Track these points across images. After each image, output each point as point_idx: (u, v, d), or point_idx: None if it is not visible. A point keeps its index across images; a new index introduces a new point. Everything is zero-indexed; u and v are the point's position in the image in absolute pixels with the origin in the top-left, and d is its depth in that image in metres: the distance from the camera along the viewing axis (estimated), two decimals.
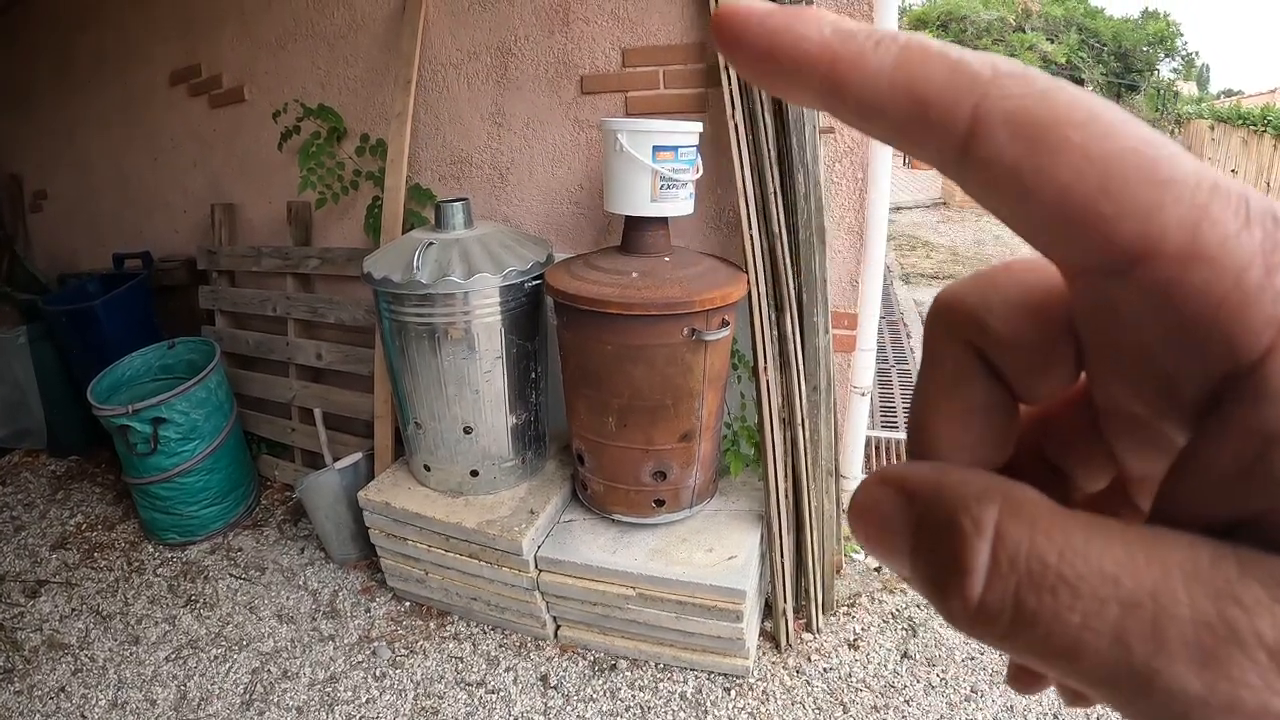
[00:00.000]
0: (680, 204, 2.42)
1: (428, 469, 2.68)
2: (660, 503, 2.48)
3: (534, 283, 2.52)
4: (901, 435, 3.95)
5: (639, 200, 2.36)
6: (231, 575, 3.25)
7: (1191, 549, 0.16)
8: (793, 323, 2.54)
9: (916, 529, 0.20)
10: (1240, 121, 5.79)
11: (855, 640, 2.82)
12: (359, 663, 2.77)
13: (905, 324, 6.14)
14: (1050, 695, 2.51)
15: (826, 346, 2.64)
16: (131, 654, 2.89)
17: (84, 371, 3.50)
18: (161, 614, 3.10)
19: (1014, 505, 0.18)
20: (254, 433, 3.62)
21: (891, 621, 2.92)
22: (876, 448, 3.94)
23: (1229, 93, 6.53)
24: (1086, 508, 0.19)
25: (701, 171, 2.48)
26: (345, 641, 2.86)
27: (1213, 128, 6.22)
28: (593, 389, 2.37)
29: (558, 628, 2.66)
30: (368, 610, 2.98)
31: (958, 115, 0.17)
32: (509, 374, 2.53)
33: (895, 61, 0.18)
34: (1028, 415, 0.24)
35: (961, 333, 0.22)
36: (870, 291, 2.93)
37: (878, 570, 3.16)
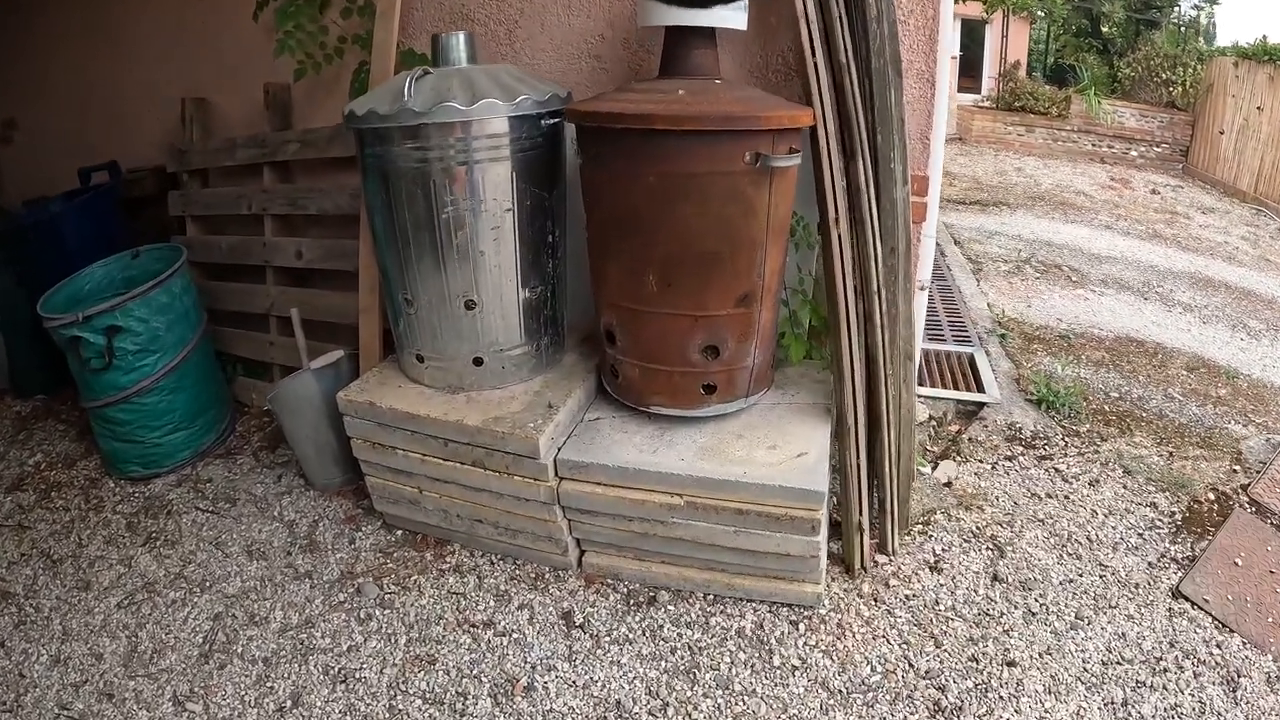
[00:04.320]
0: (732, 13, 1.75)
1: (420, 360, 1.96)
2: (710, 389, 1.77)
3: (552, 120, 1.84)
4: (946, 347, 3.27)
5: (681, 6, 1.68)
6: (198, 509, 2.54)
7: None
8: (865, 171, 1.86)
9: None
10: (1266, 57, 5.23)
11: (936, 562, 2.15)
12: (340, 603, 2.07)
13: (938, 243, 5.52)
14: (1163, 620, 1.90)
15: (905, 201, 1.96)
16: (80, 601, 2.17)
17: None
18: (117, 555, 2.38)
19: None
20: (229, 352, 2.89)
21: (974, 541, 2.25)
22: (926, 359, 3.27)
23: (1221, 51, 6.04)
24: None
25: None
26: (324, 579, 2.17)
27: (1236, 64, 5.65)
28: (629, 240, 1.65)
29: (582, 553, 1.94)
30: (352, 542, 2.28)
31: None
32: (521, 233, 1.83)
33: None
34: None
35: None
36: (937, 153, 2.25)
37: (948, 485, 2.50)
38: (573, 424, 1.87)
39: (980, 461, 2.59)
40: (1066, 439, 2.75)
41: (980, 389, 2.90)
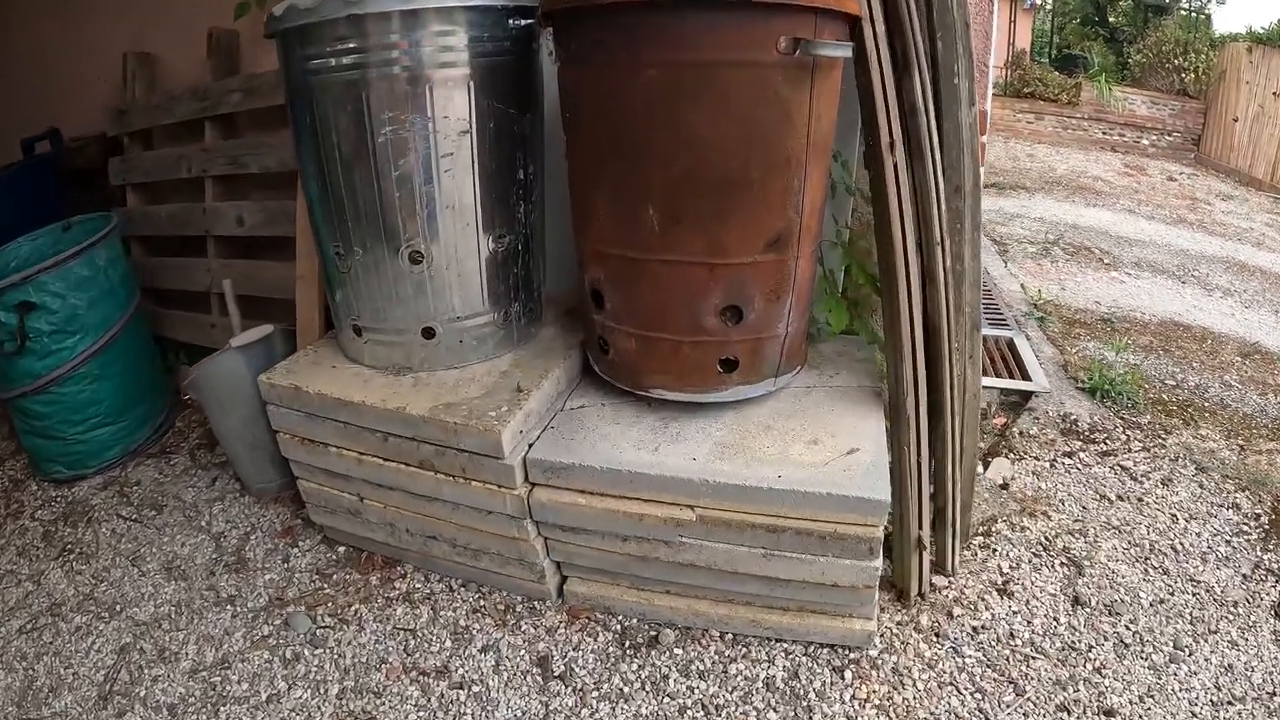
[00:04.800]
0: None
1: (359, 333, 1.44)
2: (731, 365, 1.24)
3: (523, 22, 1.35)
4: (982, 330, 2.76)
5: None
6: (121, 517, 2.02)
7: None
8: (923, 87, 1.37)
9: None
10: None
11: (1005, 583, 1.63)
12: (264, 638, 1.56)
13: None
14: (1270, 646, 1.50)
15: (972, 127, 1.46)
16: None
17: None
18: (28, 570, 1.86)
19: None
20: (171, 337, 2.38)
21: (1045, 555, 1.73)
22: None
23: (1233, 37, 5.61)
24: None
25: None
26: (249, 606, 1.65)
27: (1250, 50, 5.19)
28: (621, 162, 1.14)
29: (564, 580, 1.42)
30: (286, 560, 1.76)
31: None
32: (482, 164, 1.30)
33: None
34: None
35: None
36: (989, 84, 1.76)
37: (1005, 487, 1.99)
38: (550, 413, 1.35)
39: (1037, 459, 2.08)
40: (1128, 432, 2.24)
41: (1025, 376, 2.39)
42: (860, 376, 1.43)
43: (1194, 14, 5.37)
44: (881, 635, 1.42)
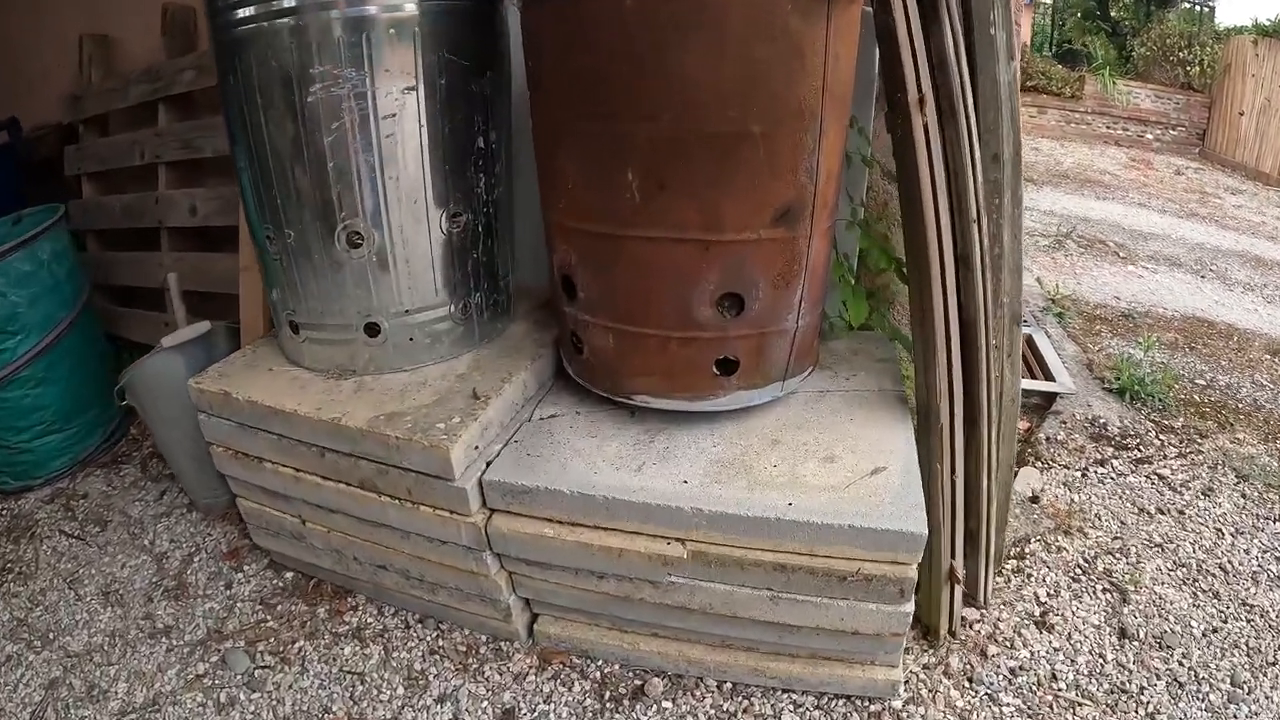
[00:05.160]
0: None
1: (296, 330, 1.17)
2: (729, 366, 0.98)
3: None
4: None
5: None
6: (63, 533, 1.76)
7: None
8: (954, 36, 1.12)
9: None
10: None
11: (1044, 614, 1.37)
12: (198, 678, 1.30)
13: None
14: None
15: (1012, 84, 1.21)
16: None
17: None
18: None
19: None
20: (125, 337, 2.11)
21: (1085, 579, 1.47)
22: None
23: (1238, 30, 5.32)
24: None
25: None
26: (186, 639, 1.39)
27: (1256, 42, 4.91)
28: (595, 115, 0.87)
29: (534, 618, 1.15)
30: (229, 586, 1.50)
31: None
32: (433, 129, 1.03)
33: None
34: None
35: None
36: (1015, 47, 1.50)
37: (1035, 500, 1.73)
38: (514, 424, 1.09)
39: (1067, 467, 1.83)
40: (1161, 436, 1.98)
41: (1049, 376, 2.13)
42: (881, 379, 1.17)
43: (1197, 6, 5.11)
44: (907, 683, 1.16)
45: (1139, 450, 1.91)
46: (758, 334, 0.95)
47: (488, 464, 0.99)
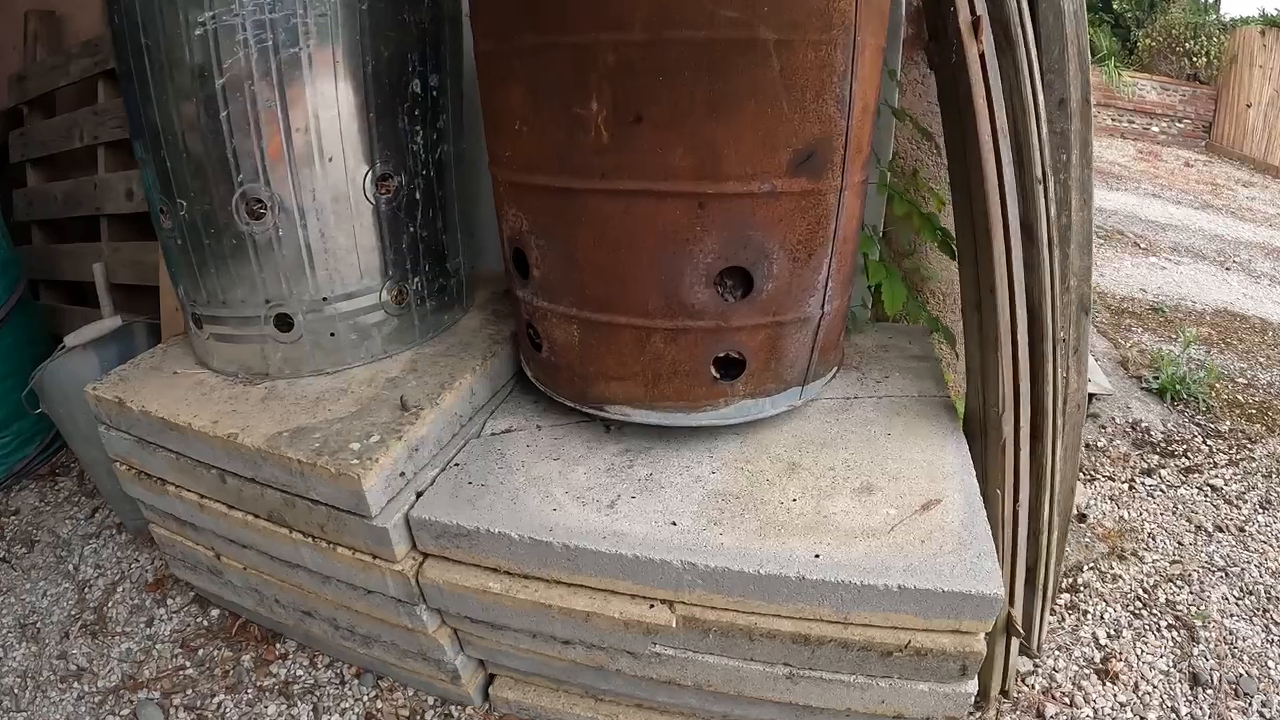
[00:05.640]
0: None
1: (199, 324, 0.91)
2: (733, 366, 0.69)
3: None
4: None
5: None
6: None
7: None
8: None
9: None
10: None
11: (1105, 661, 1.09)
12: None
13: None
14: None
15: (1077, 16, 0.92)
16: None
17: None
18: None
19: None
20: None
21: (1146, 613, 1.19)
22: None
23: (1245, 20, 5.00)
24: None
25: None
26: (98, 685, 1.12)
27: (1263, 33, 4.61)
28: (547, 26, 0.59)
29: (490, 680, 0.88)
30: (150, 623, 1.24)
31: None
32: (353, 64, 0.75)
33: None
34: None
35: None
36: None
37: (1083, 519, 1.46)
38: (456, 441, 0.81)
39: (1112, 479, 1.55)
40: (1208, 442, 1.70)
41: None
42: (920, 380, 0.90)
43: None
44: None
45: (1186, 458, 1.64)
46: (771, 323, 0.68)
47: (418, 495, 0.73)
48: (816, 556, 0.61)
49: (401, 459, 0.71)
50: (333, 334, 0.84)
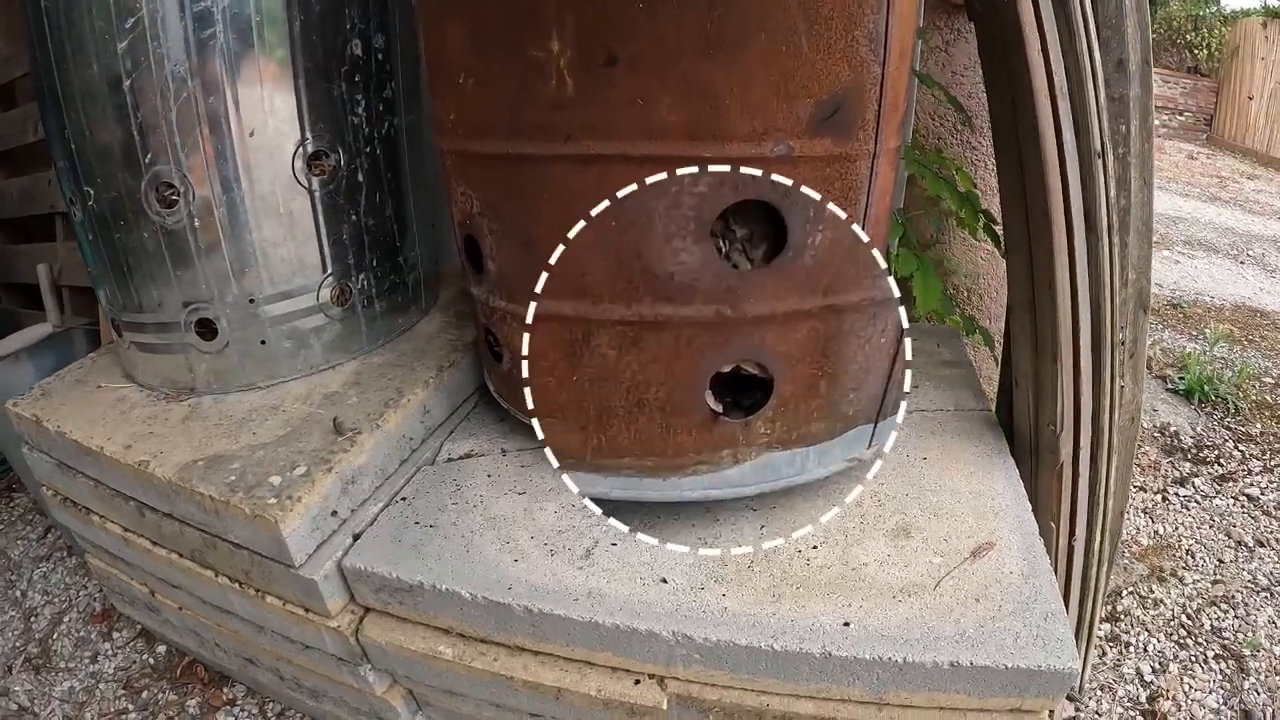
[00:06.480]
0: None
1: (118, 331, 0.76)
2: (745, 393, 0.57)
3: None
4: None
5: None
6: None
7: None
8: None
9: None
10: None
11: (1153, 699, 0.96)
12: None
13: None
14: None
15: None
16: None
17: None
18: None
19: None
20: None
21: (1191, 642, 1.04)
22: None
23: (1245, 13, 4.82)
24: None
25: None
26: None
27: (1265, 25, 4.44)
28: None
29: None
30: (94, 659, 1.09)
31: None
32: (276, 19, 0.61)
33: None
34: None
35: None
36: None
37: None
38: (406, 469, 0.66)
39: (1143, 489, 1.40)
40: (1240, 447, 1.55)
41: None
42: (957, 391, 0.75)
43: None
44: None
45: (1219, 465, 1.49)
46: (824, 307, 0.52)
47: (355, 538, 0.58)
48: (846, 625, 0.46)
49: (332, 495, 0.57)
50: (263, 341, 0.69)
